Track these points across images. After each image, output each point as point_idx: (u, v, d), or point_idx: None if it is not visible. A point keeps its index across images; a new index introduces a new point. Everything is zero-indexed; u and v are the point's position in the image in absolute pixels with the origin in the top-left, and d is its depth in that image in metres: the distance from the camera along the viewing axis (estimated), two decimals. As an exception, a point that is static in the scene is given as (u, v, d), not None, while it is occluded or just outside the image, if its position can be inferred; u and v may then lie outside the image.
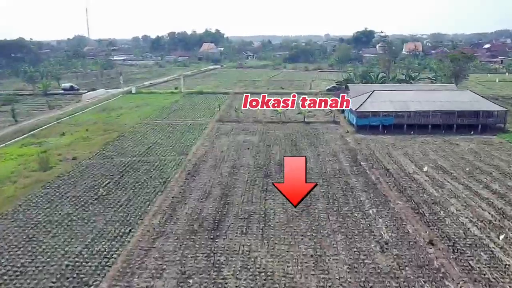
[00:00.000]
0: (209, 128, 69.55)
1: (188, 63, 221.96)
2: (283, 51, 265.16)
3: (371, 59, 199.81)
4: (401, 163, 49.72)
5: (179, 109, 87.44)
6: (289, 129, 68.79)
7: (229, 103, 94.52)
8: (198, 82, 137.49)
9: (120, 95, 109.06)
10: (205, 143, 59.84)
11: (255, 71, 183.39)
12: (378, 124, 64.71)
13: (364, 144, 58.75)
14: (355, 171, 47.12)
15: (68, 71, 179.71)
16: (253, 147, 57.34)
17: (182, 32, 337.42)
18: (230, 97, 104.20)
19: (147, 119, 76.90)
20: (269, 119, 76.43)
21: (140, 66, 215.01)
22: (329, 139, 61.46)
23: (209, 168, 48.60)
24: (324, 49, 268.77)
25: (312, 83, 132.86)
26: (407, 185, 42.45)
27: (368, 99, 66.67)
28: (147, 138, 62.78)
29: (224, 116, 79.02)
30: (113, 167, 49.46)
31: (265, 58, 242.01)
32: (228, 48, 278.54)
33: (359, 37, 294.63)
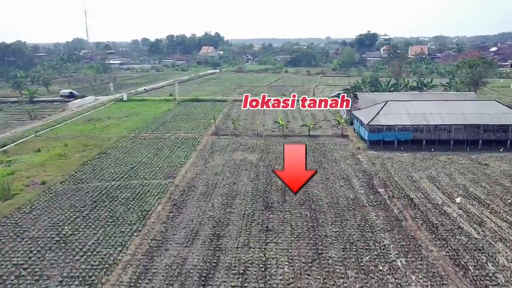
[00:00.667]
0: (203, 143, 62.04)
1: (186, 67, 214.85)
2: (284, 54, 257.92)
3: (375, 63, 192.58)
4: (426, 190, 42.12)
5: (171, 119, 79.96)
6: (292, 144, 61.27)
7: (226, 112, 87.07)
8: (195, 88, 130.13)
9: (110, 103, 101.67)
10: (197, 163, 52.30)
11: (255, 75, 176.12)
12: (394, 139, 57.18)
13: (379, 163, 51.19)
14: (373, 201, 39.54)
15: (60, 76, 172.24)
16: (251, 168, 49.79)
17: (181, 35, 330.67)
18: (227, 105, 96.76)
19: (135, 132, 69.41)
20: (269, 131, 68.95)
21: (136, 70, 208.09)
22: (338, 158, 53.90)
23: (199, 197, 41.04)
24: (326, 52, 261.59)
25: (315, 89, 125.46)
26: (438, 222, 34.83)
27: (381, 111, 59.16)
28: (131, 156, 55.27)
29: (220, 128, 71.53)
30: (87, 194, 41.94)
31: (266, 62, 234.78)
32: (227, 51, 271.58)
33: (362, 40, 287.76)
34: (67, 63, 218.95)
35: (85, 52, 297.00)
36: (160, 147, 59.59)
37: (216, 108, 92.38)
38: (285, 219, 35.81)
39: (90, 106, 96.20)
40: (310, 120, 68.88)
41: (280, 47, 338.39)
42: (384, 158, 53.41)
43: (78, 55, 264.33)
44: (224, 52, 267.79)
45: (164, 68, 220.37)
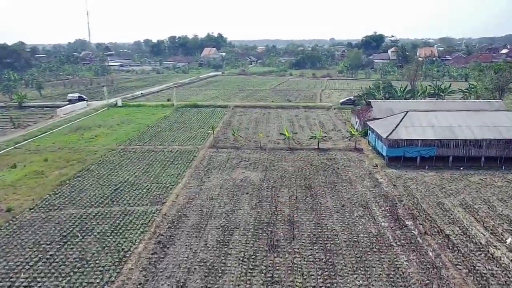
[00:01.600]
0: (199, 157, 55.16)
1: (187, 69, 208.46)
2: (288, 56, 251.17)
3: (383, 65, 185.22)
4: (463, 223, 35.06)
5: (167, 128, 73.14)
6: (299, 159, 54.29)
7: (227, 120, 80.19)
8: (195, 92, 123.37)
9: (103, 109, 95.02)
10: (191, 183, 45.37)
11: (259, 78, 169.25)
12: (416, 156, 50.10)
13: (401, 185, 44.15)
14: (401, 238, 32.50)
15: (55, 79, 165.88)
16: (253, 191, 42.83)
17: (183, 36, 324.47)
18: (228, 111, 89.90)
19: (125, 144, 62.62)
20: (274, 144, 62.00)
21: (136, 72, 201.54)
22: (353, 177, 46.86)
23: (189, 231, 34.12)
24: (331, 54, 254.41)
25: (322, 94, 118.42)
26: (488, 272, 27.78)
27: (401, 123, 52.11)
28: (117, 174, 48.44)
29: (219, 139, 64.64)
30: (57, 226, 35.12)
31: (270, 64, 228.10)
32: (230, 53, 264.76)
33: (369, 41, 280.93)
34: (65, 65, 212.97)
35: (85, 53, 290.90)
36: (150, 163, 52.74)
37: (216, 115, 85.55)
38: (294, 265, 28.86)
39: (81, 113, 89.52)
40: (319, 132, 61.78)
41: (284, 48, 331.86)
42: (406, 178, 46.33)
43: (77, 56, 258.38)
44: (227, 53, 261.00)
45: (165, 70, 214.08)
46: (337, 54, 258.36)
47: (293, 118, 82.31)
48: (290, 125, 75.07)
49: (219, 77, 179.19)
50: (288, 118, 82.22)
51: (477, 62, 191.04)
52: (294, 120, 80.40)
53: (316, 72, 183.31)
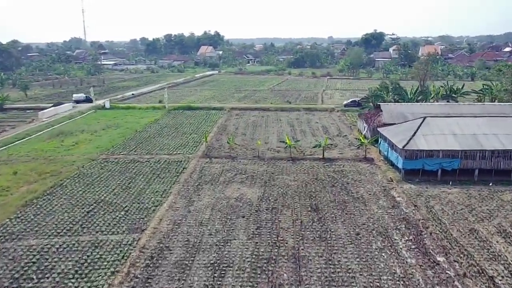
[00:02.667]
0: (189, 169, 48.72)
1: (183, 68, 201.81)
2: (287, 54, 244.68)
3: (385, 64, 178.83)
4: (506, 259, 28.71)
5: (156, 134, 66.68)
6: (303, 171, 47.90)
7: (222, 124, 73.74)
8: (190, 92, 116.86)
9: (89, 112, 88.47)
10: (178, 203, 38.95)
11: (257, 77, 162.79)
12: (436, 169, 43.75)
13: (423, 205, 37.83)
14: (435, 283, 26.08)
15: (43, 79, 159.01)
16: (250, 213, 36.44)
17: (180, 34, 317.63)
18: (224, 114, 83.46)
19: (108, 152, 56.16)
20: (274, 152, 55.63)
21: (130, 72, 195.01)
22: (366, 195, 40.52)
23: (171, 271, 27.66)
24: (331, 53, 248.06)
25: (323, 94, 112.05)
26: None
27: (419, 131, 45.75)
28: (93, 191, 41.99)
29: (213, 147, 58.25)
30: (10, 264, 28.66)
31: (268, 63, 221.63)
32: (227, 51, 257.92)
33: (369, 39, 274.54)
34: (57, 64, 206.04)
35: (78, 52, 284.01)
36: (133, 176, 46.28)
37: (210, 119, 79.11)
38: (303, 324, 22.50)
39: (65, 116, 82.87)
40: (324, 139, 55.28)
41: (282, 47, 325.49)
42: (427, 196, 40.00)
43: (70, 55, 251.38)
44: (224, 52, 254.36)
45: (160, 69, 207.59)
46: (336, 53, 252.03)
47: (294, 121, 75.88)
48: (291, 130, 68.74)
49: (216, 76, 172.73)
50: (288, 121, 75.78)
51: (482, 61, 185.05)
52: (295, 124, 73.98)
53: (315, 71, 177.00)
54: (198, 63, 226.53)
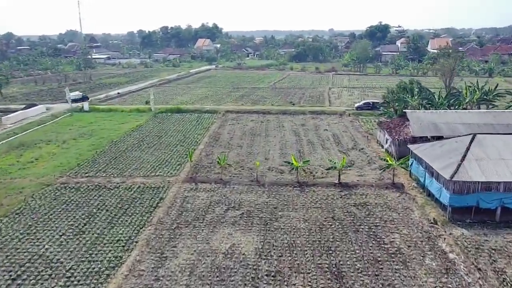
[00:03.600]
0: (167, 201, 37.66)
1: (179, 62, 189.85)
2: (288, 48, 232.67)
3: (393, 58, 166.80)
4: None
5: (135, 145, 55.59)
6: (315, 204, 36.79)
7: (214, 132, 62.60)
8: (182, 91, 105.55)
9: (64, 115, 77.22)
10: (143, 264, 27.85)
11: (256, 73, 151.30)
12: (496, 207, 32.67)
13: (489, 268, 26.77)
14: None
15: (25, 74, 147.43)
16: (245, 284, 25.42)
17: (176, 26, 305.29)
18: (218, 118, 72.27)
19: (71, 173, 45.06)
20: (276, 173, 44.51)
21: (123, 66, 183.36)
22: (405, 248, 29.40)
23: None
24: (334, 46, 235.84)
25: (330, 93, 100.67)
26: None
27: (469, 153, 34.60)
28: (32, 240, 30.91)
29: (202, 165, 47.13)
30: None
31: (268, 56, 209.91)
32: (226, 44, 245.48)
33: (373, 32, 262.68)
34: (46, 58, 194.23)
35: (71, 45, 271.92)
36: (93, 213, 35.23)
37: (202, 124, 67.97)
38: None
39: (33, 122, 71.54)
40: (341, 160, 43.58)
41: (283, 39, 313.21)
42: (490, 249, 28.91)
43: (61, 49, 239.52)
44: (222, 45, 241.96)
45: (154, 63, 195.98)
46: (340, 46, 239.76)
47: (299, 128, 64.69)
48: (296, 141, 57.62)
49: (212, 71, 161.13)
50: (292, 128, 64.60)
51: (497, 55, 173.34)
52: (301, 131, 62.81)
53: (319, 66, 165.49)
54: (194, 57, 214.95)
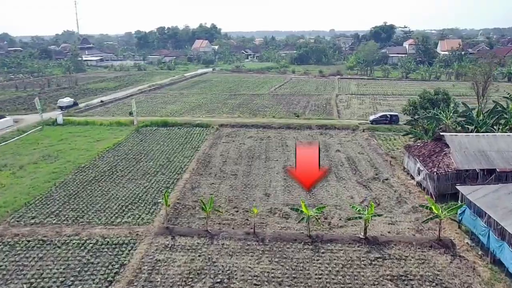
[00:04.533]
0: (131, 269, 27.04)
1: (174, 65, 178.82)
2: (289, 49, 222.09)
3: (402, 60, 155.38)
4: None
5: (105, 174, 45.03)
6: (335, 276, 26.24)
7: (204, 154, 52.07)
8: (173, 98, 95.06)
9: (34, 129, 66.67)
10: None
11: (256, 77, 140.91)
12: None
13: None
14: None
15: (4, 78, 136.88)
16: None
17: (173, 27, 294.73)
18: (210, 135, 61.79)
19: (12, 218, 34.47)
20: (281, 220, 33.91)
21: (115, 69, 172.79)
22: None
23: None
24: (338, 47, 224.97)
25: (337, 101, 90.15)
26: None
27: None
28: None
29: (184, 205, 36.61)
30: None
31: (268, 59, 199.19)
32: (225, 45, 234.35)
33: (378, 32, 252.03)
34: (36, 60, 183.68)
35: (64, 46, 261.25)
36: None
37: (191, 142, 57.50)
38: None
39: (-6, 138, 61.11)
40: (369, 208, 32.23)
41: (284, 40, 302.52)
42: None
43: (53, 50, 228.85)
44: (220, 46, 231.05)
45: (149, 66, 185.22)
46: (344, 47, 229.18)
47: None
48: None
49: (209, 75, 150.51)
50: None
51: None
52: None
53: (322, 69, 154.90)
54: (191, 59, 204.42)
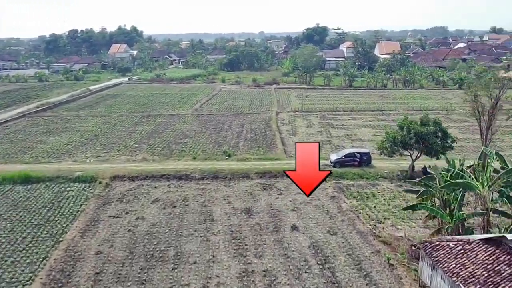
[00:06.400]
0: None
1: (82, 74, 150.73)
2: (218, 53, 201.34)
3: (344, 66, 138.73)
4: None
5: None
6: None
7: (67, 255, 29.42)
8: (65, 124, 70.47)
9: None
10: None
11: (179, 88, 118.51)
12: None
13: None
14: None
15: None
16: None
17: (88, 29, 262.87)
18: (92, 201, 39.10)
19: None
20: None
21: (9, 80, 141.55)
22: None
23: None
24: (271, 51, 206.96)
25: (279, 124, 70.47)
26: None
27: None
28: None
29: None
30: None
31: (195, 64, 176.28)
32: (145, 50, 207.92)
33: (311, 34, 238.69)
34: None
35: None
36: None
37: (54, 220, 34.61)
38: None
39: None
40: None
41: (212, 43, 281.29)
42: None
43: None
44: (141, 51, 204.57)
45: (53, 76, 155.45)
46: (278, 51, 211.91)
47: (243, 225, 33.31)
48: (242, 271, 26.27)
49: (122, 87, 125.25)
50: (229, 227, 33.03)
51: (455, 59, 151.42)
52: (247, 237, 31.47)
53: (256, 76, 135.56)
54: (106, 66, 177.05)
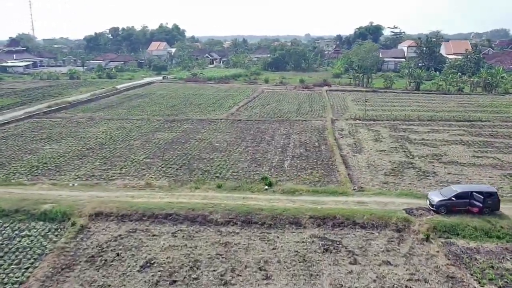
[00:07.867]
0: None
1: (115, 72, 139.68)
2: (262, 53, 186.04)
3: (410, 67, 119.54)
4: None
5: None
6: None
7: None
8: (71, 129, 56.87)
9: None
10: None
11: (216, 88, 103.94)
12: None
13: None
14: None
15: None
16: None
17: (129, 27, 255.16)
18: (51, 256, 24.02)
19: None
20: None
21: (40, 78, 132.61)
22: None
23: None
24: (320, 51, 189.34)
25: (337, 134, 53.80)
26: None
27: None
28: None
29: None
30: None
31: (237, 64, 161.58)
32: (185, 49, 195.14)
33: (363, 33, 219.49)
34: None
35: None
36: None
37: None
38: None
39: None
40: None
41: (257, 43, 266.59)
42: None
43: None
44: (179, 49, 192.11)
45: (86, 73, 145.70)
46: (327, 51, 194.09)
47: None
48: None
49: (154, 86, 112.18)
50: None
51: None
52: None
53: (304, 77, 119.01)
54: (142, 64, 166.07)
